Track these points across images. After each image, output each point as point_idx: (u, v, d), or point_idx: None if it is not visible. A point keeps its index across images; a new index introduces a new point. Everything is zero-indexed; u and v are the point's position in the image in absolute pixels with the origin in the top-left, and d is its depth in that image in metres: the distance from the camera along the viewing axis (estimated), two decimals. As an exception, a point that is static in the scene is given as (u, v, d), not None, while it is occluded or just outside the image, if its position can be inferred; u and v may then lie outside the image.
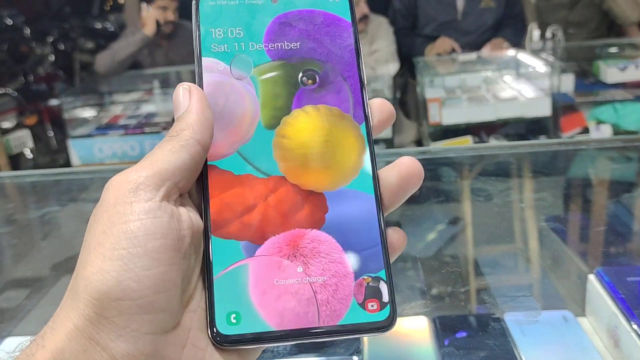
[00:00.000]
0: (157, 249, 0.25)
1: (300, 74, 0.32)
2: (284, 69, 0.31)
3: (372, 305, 0.28)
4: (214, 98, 0.31)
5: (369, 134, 0.31)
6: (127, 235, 0.25)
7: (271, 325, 0.27)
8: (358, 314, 0.28)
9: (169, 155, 0.28)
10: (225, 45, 0.32)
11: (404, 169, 0.31)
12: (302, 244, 0.29)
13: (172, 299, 0.26)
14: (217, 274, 0.28)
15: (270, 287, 0.28)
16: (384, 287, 0.29)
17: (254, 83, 0.31)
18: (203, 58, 0.32)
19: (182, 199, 0.29)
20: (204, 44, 0.32)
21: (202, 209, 0.29)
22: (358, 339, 0.62)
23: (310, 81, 0.31)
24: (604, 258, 0.83)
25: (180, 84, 0.32)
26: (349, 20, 0.33)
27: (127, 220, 0.25)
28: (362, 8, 2.69)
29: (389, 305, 0.29)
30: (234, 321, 0.27)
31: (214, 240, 0.29)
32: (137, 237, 0.25)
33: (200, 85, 0.32)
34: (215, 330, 0.27)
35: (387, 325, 0.28)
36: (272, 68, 0.32)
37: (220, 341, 0.27)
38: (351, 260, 0.29)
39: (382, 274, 0.29)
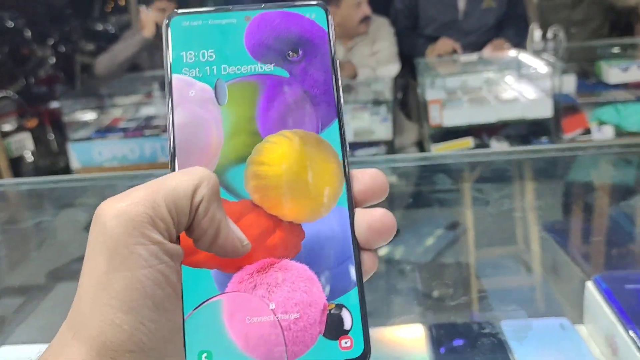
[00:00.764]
0: (165, 298, 0.25)
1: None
2: (254, 92, 0.31)
3: (346, 342, 0.28)
4: (183, 126, 0.30)
5: (345, 156, 0.30)
6: (135, 286, 0.24)
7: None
8: (329, 349, 0.28)
9: (174, 192, 0.27)
10: (197, 69, 0.31)
11: (375, 222, 0.30)
12: (274, 276, 0.28)
13: (177, 345, 0.26)
14: (187, 314, 0.28)
15: (239, 324, 0.28)
16: (355, 320, 0.28)
17: (223, 109, 0.31)
18: (173, 82, 0.31)
19: None
20: (175, 66, 0.31)
21: None
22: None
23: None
24: (603, 265, 0.83)
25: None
26: (326, 37, 0.32)
27: (133, 266, 0.24)
28: (364, 9, 2.68)
29: (361, 338, 0.28)
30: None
31: (185, 270, 0.28)
32: (145, 287, 0.24)
33: (170, 109, 0.30)
34: None
35: (359, 357, 0.28)
36: (242, 91, 0.31)
37: None
38: (323, 293, 0.28)
39: (355, 307, 0.28)
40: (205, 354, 0.27)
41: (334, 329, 0.28)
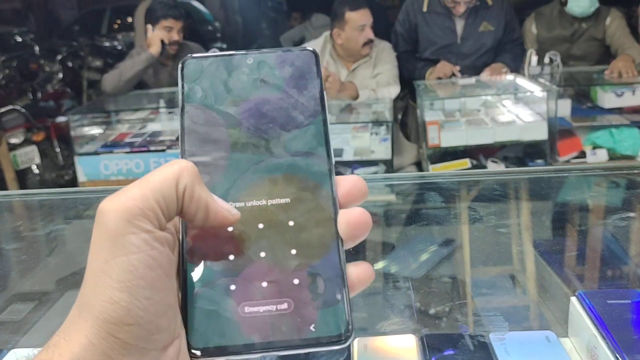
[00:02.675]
0: (156, 278, 0.29)
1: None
2: (252, 136, 0.35)
3: (331, 321, 0.31)
4: (194, 143, 0.35)
5: (335, 202, 0.34)
6: (129, 269, 0.28)
7: (238, 339, 0.31)
8: (317, 331, 0.31)
9: (162, 185, 0.31)
10: (206, 99, 0.36)
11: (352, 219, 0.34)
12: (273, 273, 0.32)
13: (170, 318, 0.30)
14: (190, 294, 0.32)
15: (236, 307, 0.31)
16: (340, 308, 0.31)
17: (226, 138, 0.35)
18: (185, 112, 0.36)
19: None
20: (187, 100, 0.36)
21: (180, 235, 0.33)
22: (347, 354, 0.65)
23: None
24: (587, 281, 0.86)
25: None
26: (315, 72, 0.37)
27: (128, 252, 0.29)
28: (368, 33, 2.72)
29: (345, 321, 0.31)
30: (205, 336, 0.31)
31: (189, 266, 0.32)
32: (138, 269, 0.29)
33: (183, 135, 0.35)
34: (188, 343, 0.31)
35: (343, 339, 0.31)
36: (241, 133, 0.35)
37: (192, 353, 0.31)
38: (313, 286, 0.32)
39: (340, 297, 0.32)
40: (204, 331, 0.31)
41: (328, 314, 0.31)
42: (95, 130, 2.70)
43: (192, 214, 0.32)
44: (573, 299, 0.69)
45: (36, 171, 2.98)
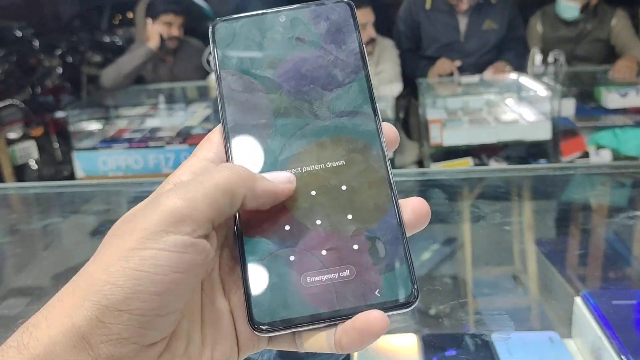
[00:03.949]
0: (173, 280, 0.27)
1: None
2: (294, 99, 0.34)
3: (395, 287, 0.30)
4: (236, 112, 0.34)
5: (386, 161, 0.33)
6: (152, 262, 0.27)
7: (303, 311, 0.30)
8: (383, 295, 0.30)
9: (216, 192, 0.29)
10: (241, 64, 0.34)
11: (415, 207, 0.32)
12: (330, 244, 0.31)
13: (168, 322, 0.28)
14: (250, 269, 0.31)
15: (298, 277, 0.30)
16: (403, 271, 0.30)
17: (268, 104, 0.34)
18: (222, 79, 0.34)
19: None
20: (222, 66, 0.35)
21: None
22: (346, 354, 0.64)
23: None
24: (592, 281, 0.85)
25: (288, 175, 0.32)
26: (352, 25, 0.35)
27: (159, 247, 0.27)
28: (369, 32, 2.71)
29: (410, 283, 0.30)
30: (269, 310, 0.30)
31: (246, 240, 0.31)
32: (161, 266, 0.27)
33: (223, 104, 0.34)
34: (252, 319, 0.30)
35: (410, 302, 0.30)
36: (282, 97, 0.34)
37: (257, 328, 0.30)
38: (373, 250, 0.31)
39: (402, 260, 0.30)
40: (267, 304, 0.30)
41: (392, 279, 0.30)
42: (94, 126, 2.69)
43: (255, 206, 0.31)
44: (577, 299, 0.69)
45: (34, 166, 2.98)
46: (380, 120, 0.33)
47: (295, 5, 0.36)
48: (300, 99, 0.34)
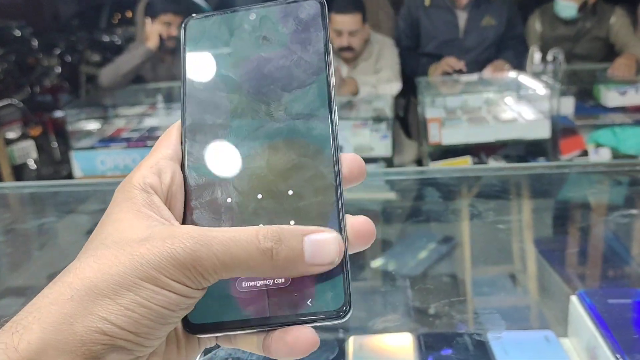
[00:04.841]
0: (164, 324, 0.28)
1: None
2: (252, 99, 0.34)
3: (328, 298, 0.30)
4: (195, 110, 0.34)
5: (336, 167, 0.32)
6: (143, 310, 0.26)
7: (234, 315, 0.30)
8: (316, 306, 0.30)
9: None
10: (206, 67, 0.34)
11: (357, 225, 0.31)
12: None
13: (163, 335, 0.28)
14: None
15: (233, 282, 0.30)
16: (338, 282, 0.30)
17: (227, 104, 0.34)
18: (187, 77, 0.34)
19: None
20: (189, 63, 0.35)
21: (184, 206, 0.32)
22: (337, 352, 0.64)
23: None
24: (588, 280, 0.85)
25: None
26: (320, 24, 0.35)
27: (151, 299, 0.26)
28: (344, 40, 2.66)
29: (343, 295, 0.30)
30: (201, 312, 0.30)
31: None
32: (152, 315, 0.27)
33: (184, 102, 0.34)
34: (186, 320, 0.30)
35: (341, 315, 0.29)
36: (242, 97, 0.34)
37: (190, 329, 0.30)
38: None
39: (338, 271, 0.30)
40: (202, 308, 0.30)
41: (327, 288, 0.30)
42: (92, 125, 2.69)
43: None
44: (573, 298, 0.69)
45: (33, 166, 2.98)
46: (337, 125, 0.33)
47: (267, 3, 0.35)
48: (258, 99, 0.33)
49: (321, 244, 0.29)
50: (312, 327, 0.29)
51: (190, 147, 0.33)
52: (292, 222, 0.31)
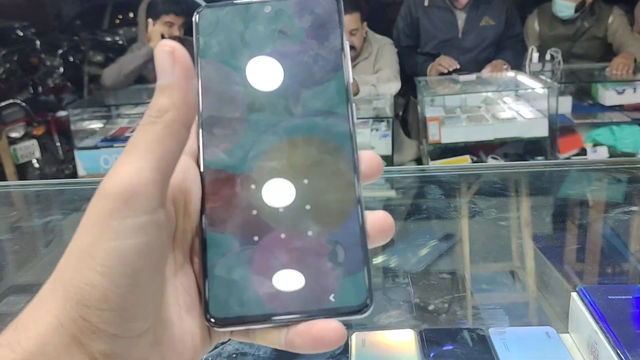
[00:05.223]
0: (143, 267, 0.27)
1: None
2: (269, 94, 0.33)
3: (350, 293, 0.30)
4: (211, 103, 0.33)
5: (355, 165, 0.32)
6: (118, 254, 0.26)
7: (256, 309, 0.30)
8: (337, 301, 0.30)
9: (155, 146, 0.27)
10: (222, 54, 0.34)
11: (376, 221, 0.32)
12: (290, 243, 0.31)
13: (150, 309, 0.28)
14: (209, 263, 0.31)
15: (255, 276, 0.31)
16: (360, 278, 0.30)
17: (244, 97, 0.33)
18: (201, 68, 0.33)
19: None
20: (202, 55, 0.34)
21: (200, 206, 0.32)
22: (343, 348, 0.64)
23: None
24: (589, 276, 0.85)
25: (163, 43, 0.29)
26: (337, 21, 0.34)
27: (120, 237, 0.26)
28: (353, 40, 2.70)
29: (365, 291, 0.30)
30: (224, 305, 0.30)
31: (208, 235, 0.31)
32: (126, 256, 0.26)
33: (196, 91, 0.33)
34: (208, 312, 0.30)
35: (363, 310, 0.30)
36: (258, 92, 0.33)
37: (211, 322, 0.30)
38: (333, 255, 0.31)
39: (360, 267, 0.30)
40: (223, 300, 0.30)
41: (348, 283, 0.30)
42: (95, 125, 2.69)
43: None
44: (573, 294, 0.69)
45: (36, 165, 2.98)
46: (355, 122, 0.33)
47: None
48: (275, 94, 0.33)
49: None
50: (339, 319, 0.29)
51: (206, 141, 0.32)
52: (311, 219, 0.31)
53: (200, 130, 0.32)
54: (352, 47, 2.72)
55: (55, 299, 0.27)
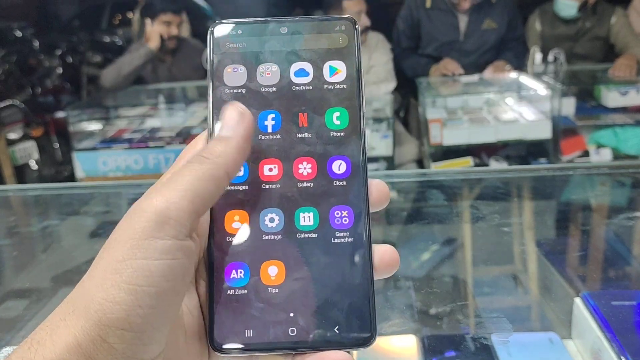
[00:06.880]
0: (166, 289, 0.27)
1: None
2: (284, 116, 0.33)
3: (354, 325, 0.31)
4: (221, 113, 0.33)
5: (365, 195, 0.32)
6: (145, 273, 0.27)
7: (262, 337, 0.30)
8: (342, 332, 0.30)
9: (197, 183, 0.29)
10: (237, 71, 0.34)
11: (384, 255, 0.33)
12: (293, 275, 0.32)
13: (164, 333, 0.28)
14: (217, 292, 0.31)
15: (261, 305, 0.31)
16: (365, 310, 0.31)
17: (256, 116, 0.33)
18: (215, 86, 0.33)
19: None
20: (216, 71, 0.34)
21: (208, 235, 0.32)
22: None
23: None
24: (592, 282, 0.84)
25: (235, 104, 0.32)
26: (354, 47, 0.34)
27: (148, 256, 0.27)
28: (364, 20, 2.72)
29: (369, 324, 0.31)
30: (230, 333, 0.31)
31: (217, 263, 0.32)
32: (153, 277, 0.27)
33: (212, 111, 0.33)
34: (213, 339, 0.31)
35: (366, 342, 0.30)
36: (272, 113, 0.33)
37: (216, 348, 0.30)
38: (339, 287, 0.31)
39: (366, 299, 0.31)
40: (229, 330, 0.31)
41: (353, 317, 0.31)
42: (94, 126, 2.69)
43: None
44: (577, 300, 0.69)
45: (34, 167, 2.98)
46: (367, 147, 0.33)
47: (298, 17, 0.34)
48: (289, 118, 0.33)
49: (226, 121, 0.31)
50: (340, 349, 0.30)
51: None
52: (318, 250, 0.32)
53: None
54: (367, 28, 2.75)
55: (76, 317, 0.27)
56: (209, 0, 4.43)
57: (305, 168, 0.32)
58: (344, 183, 0.32)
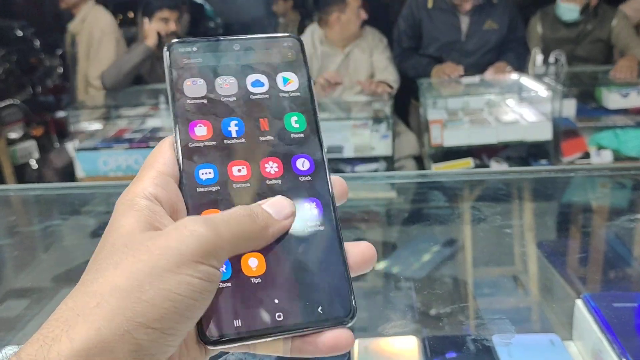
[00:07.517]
0: (201, 306, 0.29)
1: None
2: (244, 122, 0.35)
3: (336, 304, 0.33)
4: (187, 125, 0.35)
5: (329, 188, 0.35)
6: (189, 287, 0.28)
7: (250, 325, 0.32)
8: (324, 314, 0.32)
9: (240, 232, 0.31)
10: (194, 86, 0.36)
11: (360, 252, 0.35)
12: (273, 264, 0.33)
13: (185, 336, 0.29)
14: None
15: (248, 294, 0.32)
16: (344, 290, 0.33)
17: (218, 124, 0.35)
18: (176, 101, 0.35)
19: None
20: (175, 86, 0.36)
21: None
22: (347, 356, 0.64)
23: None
24: (593, 284, 0.85)
25: (291, 203, 0.34)
26: (302, 60, 0.37)
27: (194, 275, 0.28)
28: (363, 13, 2.75)
29: (349, 303, 0.33)
30: (216, 324, 0.31)
31: None
32: (195, 291, 0.28)
33: (176, 123, 0.35)
34: (205, 335, 0.31)
35: (347, 319, 0.32)
36: (233, 119, 0.35)
37: (207, 341, 0.31)
38: (317, 271, 0.33)
39: (343, 280, 0.33)
40: (217, 321, 0.31)
41: (333, 296, 0.33)
42: (95, 126, 2.69)
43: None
44: (578, 302, 0.69)
45: (35, 166, 2.98)
46: (325, 150, 0.36)
47: (249, 36, 0.38)
48: (251, 123, 0.35)
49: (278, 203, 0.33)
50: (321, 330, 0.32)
51: (186, 167, 0.34)
52: (295, 238, 0.34)
53: (181, 160, 0.34)
54: (364, 22, 2.79)
55: (101, 311, 0.27)
56: (209, 0, 4.43)
57: (272, 167, 0.35)
58: (309, 178, 0.35)
